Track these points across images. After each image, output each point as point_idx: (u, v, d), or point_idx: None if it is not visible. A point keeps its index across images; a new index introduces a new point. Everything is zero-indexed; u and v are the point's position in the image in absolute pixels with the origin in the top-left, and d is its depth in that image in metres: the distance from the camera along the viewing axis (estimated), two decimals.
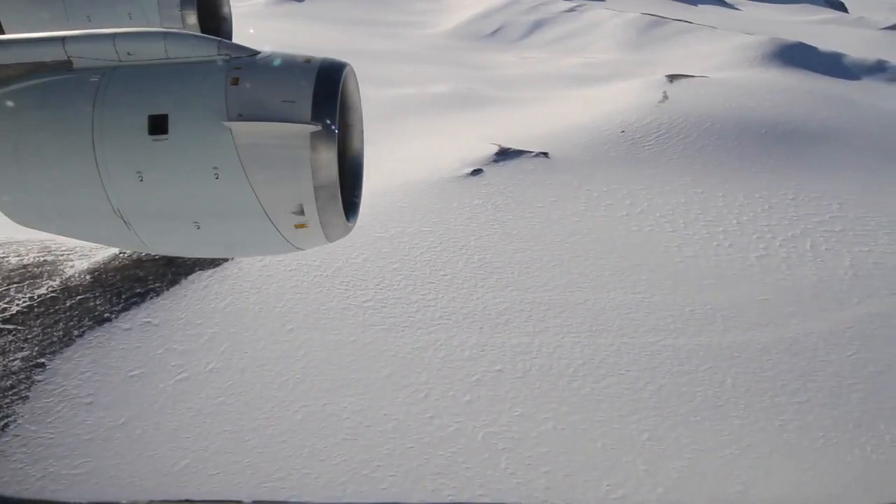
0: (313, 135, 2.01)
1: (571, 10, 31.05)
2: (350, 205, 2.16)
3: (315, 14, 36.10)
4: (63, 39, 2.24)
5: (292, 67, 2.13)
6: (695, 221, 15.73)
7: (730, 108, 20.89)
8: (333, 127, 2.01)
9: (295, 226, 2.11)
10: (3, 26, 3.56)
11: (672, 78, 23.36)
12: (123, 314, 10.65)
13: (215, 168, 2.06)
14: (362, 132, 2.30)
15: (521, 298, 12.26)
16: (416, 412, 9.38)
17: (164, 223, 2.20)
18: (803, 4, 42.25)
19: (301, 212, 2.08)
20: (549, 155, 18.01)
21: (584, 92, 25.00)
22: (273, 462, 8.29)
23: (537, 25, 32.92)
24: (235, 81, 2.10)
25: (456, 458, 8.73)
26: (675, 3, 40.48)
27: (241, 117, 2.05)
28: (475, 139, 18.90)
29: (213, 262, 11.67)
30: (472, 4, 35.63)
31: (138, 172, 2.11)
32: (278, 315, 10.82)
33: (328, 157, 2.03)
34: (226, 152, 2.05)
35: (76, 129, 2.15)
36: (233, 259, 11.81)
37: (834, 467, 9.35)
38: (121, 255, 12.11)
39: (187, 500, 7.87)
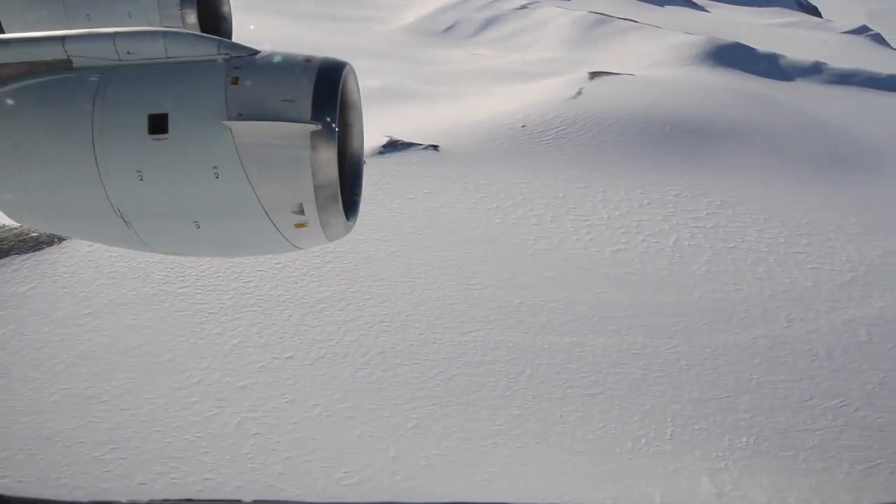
0: (313, 134, 1.99)
1: (523, 6, 30.74)
2: (350, 204, 2.16)
3: (280, 9, 36.09)
4: (63, 38, 2.24)
5: (292, 67, 2.11)
6: (565, 215, 15.43)
7: (640, 105, 20.49)
8: (334, 126, 2.00)
9: (295, 225, 2.10)
10: (3, 25, 3.56)
11: (594, 75, 23.02)
12: None
13: (215, 167, 2.05)
14: (362, 131, 2.32)
15: (345, 288, 12.07)
16: (181, 397, 9.24)
17: (164, 222, 2.20)
18: (775, 7, 41.50)
19: (301, 211, 2.07)
20: (440, 148, 17.77)
21: (514, 88, 24.71)
22: (3, 440, 8.22)
23: (490, 23, 32.63)
24: (235, 81, 2.09)
25: (199, 442, 8.59)
26: (639, 2, 39.96)
27: (241, 117, 2.03)
28: (372, 132, 18.73)
29: (34, 247, 11.64)
30: (429, 1, 35.45)
31: (138, 172, 2.10)
32: (81, 300, 10.73)
33: (328, 157, 2.02)
34: (226, 152, 2.04)
35: (76, 129, 2.15)
36: (57, 243, 11.78)
37: (598, 457, 9.09)
38: None
39: (188, 500, 7.82)
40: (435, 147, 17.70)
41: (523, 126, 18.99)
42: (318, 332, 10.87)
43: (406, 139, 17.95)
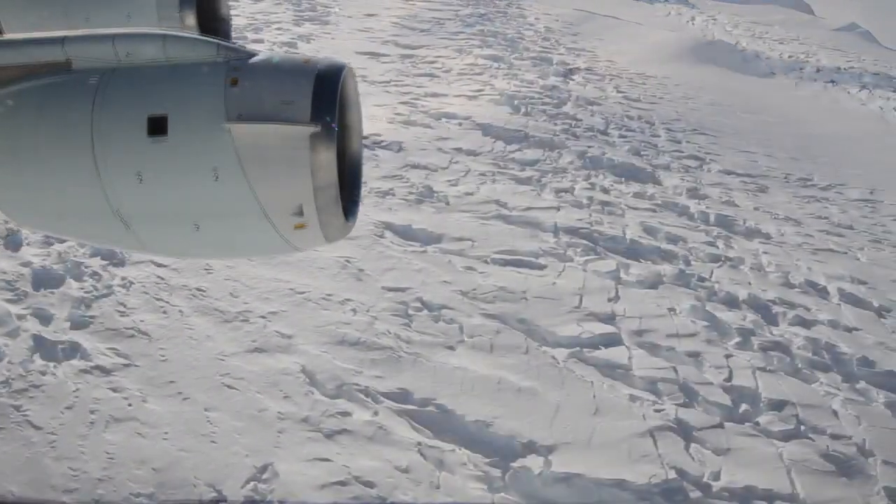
0: (313, 136, 1.95)
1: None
2: (349, 205, 2.11)
3: None
4: (62, 40, 2.19)
5: (291, 68, 2.07)
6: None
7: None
8: (333, 127, 1.96)
9: (294, 226, 2.03)
10: (2, 27, 3.48)
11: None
12: None
13: (214, 169, 2.01)
14: (361, 133, 2.26)
15: None
16: None
17: (164, 224, 2.16)
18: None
19: (300, 212, 2.01)
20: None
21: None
22: None
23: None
24: (234, 82, 2.04)
25: None
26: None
27: (240, 118, 1.99)
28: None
29: None
30: None
31: (138, 173, 2.05)
32: None
33: (328, 158, 1.97)
34: (225, 153, 2.00)
35: (75, 130, 2.10)
36: None
37: None
38: None
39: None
40: None
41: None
42: None
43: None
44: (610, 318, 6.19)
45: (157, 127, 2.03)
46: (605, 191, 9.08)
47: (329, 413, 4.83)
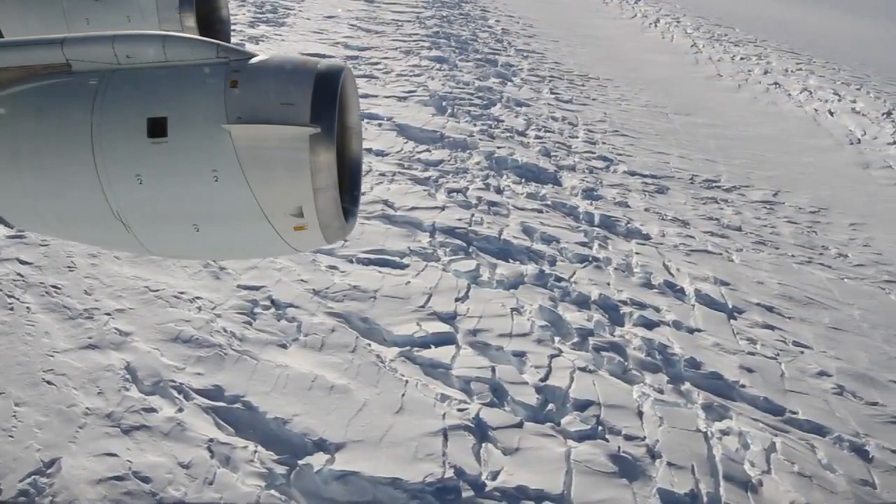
0: (312, 137, 1.92)
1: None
2: (349, 206, 2.09)
3: None
4: (62, 42, 2.14)
5: (291, 70, 2.03)
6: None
7: None
8: (332, 129, 1.93)
9: (294, 228, 2.02)
10: (2, 30, 3.46)
11: None
12: None
13: (214, 171, 1.97)
14: (361, 134, 2.23)
15: None
16: None
17: (164, 226, 2.11)
18: None
19: (300, 214, 1.99)
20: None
21: None
22: None
23: None
24: (234, 84, 2.01)
25: None
26: None
27: (240, 120, 1.95)
28: None
29: None
30: None
31: (137, 175, 2.02)
32: None
33: (327, 160, 1.94)
34: (225, 155, 1.96)
35: (75, 132, 2.06)
36: None
37: None
38: None
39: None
40: None
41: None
42: None
43: None
44: (451, 318, 6.13)
45: (157, 129, 1.99)
46: (499, 191, 8.98)
47: (135, 409, 4.79)
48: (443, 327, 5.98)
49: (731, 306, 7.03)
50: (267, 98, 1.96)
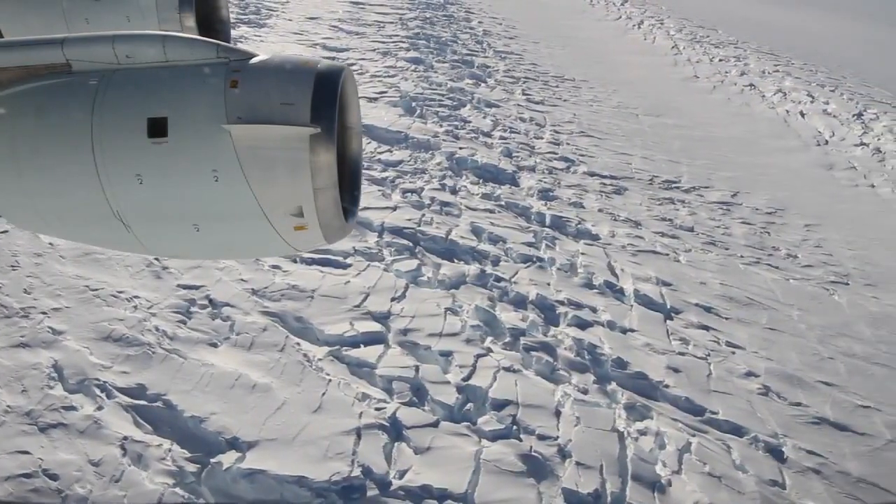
0: (312, 137, 1.89)
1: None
2: (349, 205, 2.07)
3: None
4: (62, 42, 2.11)
5: (291, 70, 2.00)
6: None
7: None
8: (333, 129, 1.90)
9: (294, 228, 1.99)
10: (2, 30, 3.45)
11: None
12: None
13: (214, 171, 1.95)
14: (361, 134, 2.20)
15: None
16: None
17: (164, 226, 2.09)
18: None
19: (300, 214, 1.96)
20: None
21: None
22: None
23: None
24: (234, 84, 1.98)
25: None
26: None
27: (240, 120, 1.93)
28: None
29: None
30: None
31: (138, 175, 1.99)
32: None
33: (327, 160, 1.91)
34: (225, 155, 1.94)
35: (75, 133, 2.03)
36: None
37: None
38: None
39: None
40: None
41: None
42: None
43: None
44: (384, 318, 6.10)
45: (157, 129, 1.97)
46: (454, 192, 8.95)
47: (55, 407, 4.78)
48: (375, 326, 5.96)
49: (669, 307, 7.00)
50: (267, 98, 1.95)
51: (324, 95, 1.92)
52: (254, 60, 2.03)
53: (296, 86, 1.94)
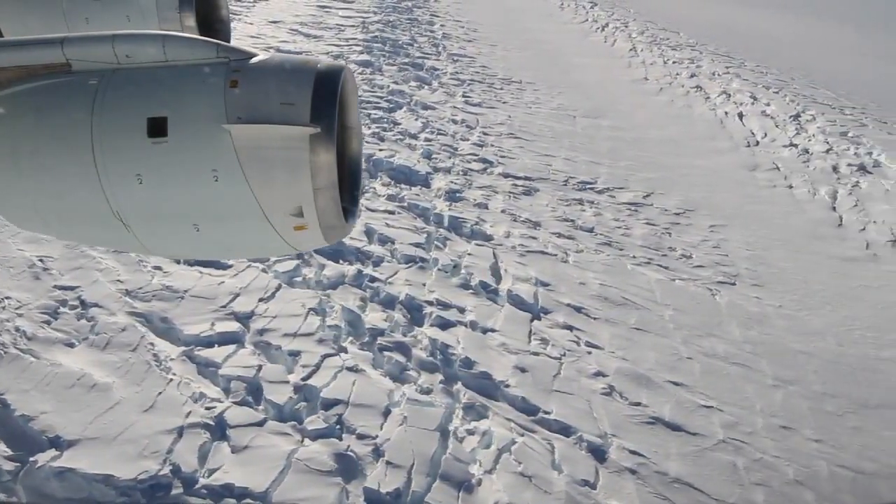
0: (312, 137, 1.85)
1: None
2: (349, 205, 2.02)
3: None
4: (62, 41, 2.07)
5: (291, 70, 1.96)
6: None
7: None
8: (333, 129, 1.86)
9: (294, 227, 1.95)
10: (2, 30, 3.43)
11: None
12: None
13: (214, 170, 1.91)
14: (361, 134, 2.14)
15: None
16: None
17: (164, 225, 2.05)
18: None
19: (300, 213, 1.92)
20: None
21: None
22: None
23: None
24: (234, 84, 1.94)
25: None
26: None
27: (240, 120, 1.89)
28: None
29: None
30: None
31: (138, 175, 1.95)
32: None
33: (327, 160, 1.87)
34: (225, 155, 1.90)
35: (75, 132, 1.99)
36: None
37: None
38: None
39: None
40: None
41: None
42: None
43: None
44: (246, 318, 6.08)
45: (157, 129, 1.94)
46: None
47: None
48: (233, 326, 5.93)
49: (539, 307, 6.95)
50: (267, 98, 1.91)
51: (324, 95, 1.88)
52: (254, 60, 2.00)
53: (296, 85, 1.91)
